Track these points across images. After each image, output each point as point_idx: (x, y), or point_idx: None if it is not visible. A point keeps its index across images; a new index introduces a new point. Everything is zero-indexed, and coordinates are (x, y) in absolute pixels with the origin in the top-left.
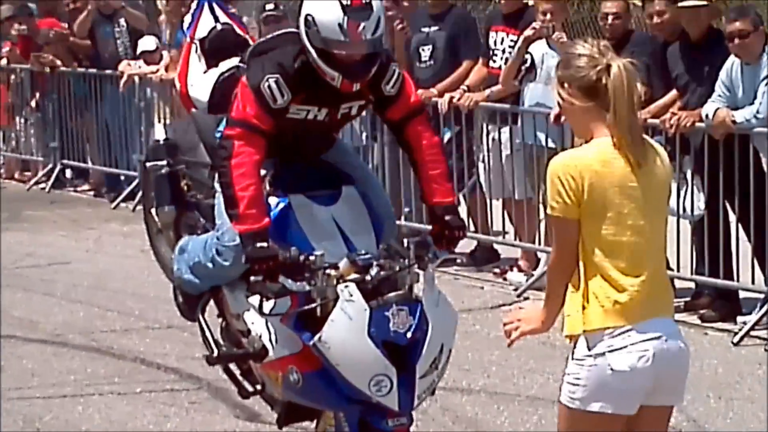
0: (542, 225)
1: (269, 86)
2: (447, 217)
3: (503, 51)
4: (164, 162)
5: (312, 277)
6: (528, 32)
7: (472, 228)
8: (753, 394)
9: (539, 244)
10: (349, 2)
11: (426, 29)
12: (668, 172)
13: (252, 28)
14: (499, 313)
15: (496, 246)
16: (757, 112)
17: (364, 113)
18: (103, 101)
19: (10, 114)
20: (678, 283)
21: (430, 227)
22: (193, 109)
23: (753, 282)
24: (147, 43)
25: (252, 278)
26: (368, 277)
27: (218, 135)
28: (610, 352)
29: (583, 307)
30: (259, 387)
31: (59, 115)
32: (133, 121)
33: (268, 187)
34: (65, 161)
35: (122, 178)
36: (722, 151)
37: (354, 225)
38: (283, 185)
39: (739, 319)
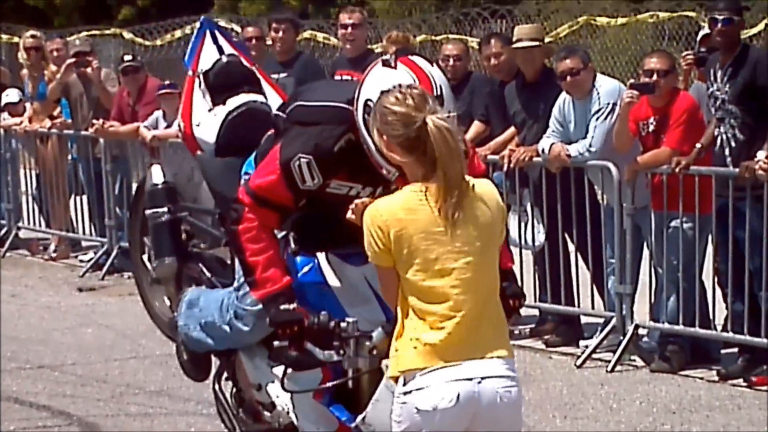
0: None
1: (299, 166)
2: (504, 284)
3: None
4: (164, 209)
5: (342, 346)
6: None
7: None
8: (596, 413)
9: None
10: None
11: (275, 76)
12: (495, 211)
13: (111, 79)
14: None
15: None
16: (590, 145)
17: None
18: None
19: None
20: (523, 311)
21: None
22: (199, 152)
23: (593, 307)
24: (11, 95)
25: (276, 343)
26: None
27: (245, 177)
28: (416, 390)
29: (396, 350)
30: None
31: None
32: (1, 170)
33: (292, 245)
34: None
35: None
36: (559, 184)
37: None
38: (308, 243)
39: (582, 342)
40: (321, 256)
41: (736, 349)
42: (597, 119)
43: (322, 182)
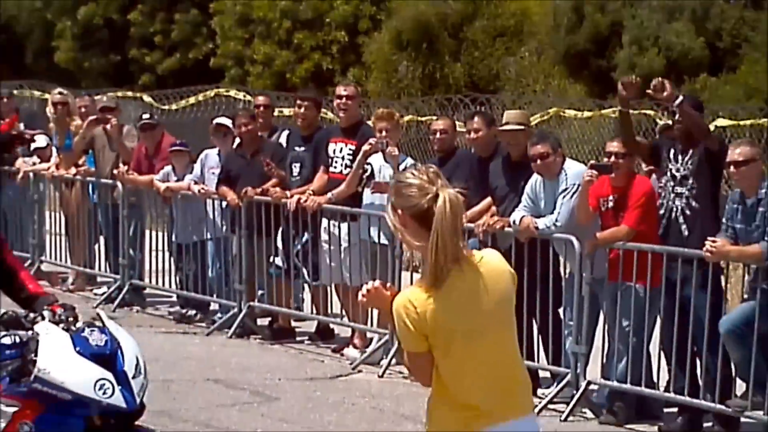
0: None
1: None
2: (58, 300)
3: (342, 158)
4: None
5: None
6: (366, 147)
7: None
8: None
9: (371, 325)
10: None
11: (297, 149)
12: (509, 280)
13: (132, 135)
14: (336, 382)
15: (332, 326)
16: (556, 220)
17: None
18: (1, 192)
19: None
20: None
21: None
22: None
23: (549, 363)
24: (39, 141)
25: None
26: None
27: None
28: None
29: (435, 415)
30: None
31: None
32: (30, 209)
33: None
34: None
35: (20, 259)
36: (527, 253)
37: None
38: None
39: (539, 391)
40: None
41: (676, 409)
42: (564, 197)
43: None
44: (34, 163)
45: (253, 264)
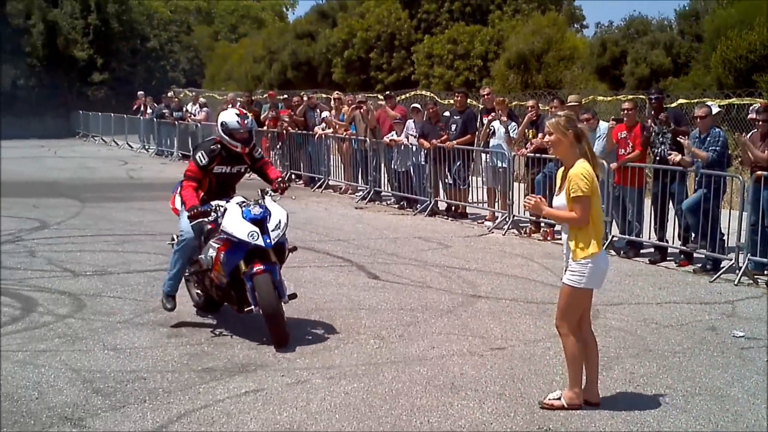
0: (496, 202)
1: (198, 156)
2: (280, 180)
3: (482, 124)
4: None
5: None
6: (489, 117)
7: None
8: None
9: (498, 209)
10: (238, 113)
11: (455, 117)
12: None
13: (374, 114)
14: (481, 238)
15: (477, 210)
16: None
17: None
18: (308, 144)
19: (267, 150)
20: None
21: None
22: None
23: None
24: (325, 115)
25: (192, 221)
26: (243, 202)
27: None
28: (599, 259)
29: (589, 242)
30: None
31: (289, 150)
32: (322, 152)
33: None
34: (292, 171)
35: (317, 178)
36: None
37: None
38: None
39: None
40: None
41: (653, 249)
42: (597, 140)
43: (209, 163)
44: (323, 129)
45: (437, 177)
